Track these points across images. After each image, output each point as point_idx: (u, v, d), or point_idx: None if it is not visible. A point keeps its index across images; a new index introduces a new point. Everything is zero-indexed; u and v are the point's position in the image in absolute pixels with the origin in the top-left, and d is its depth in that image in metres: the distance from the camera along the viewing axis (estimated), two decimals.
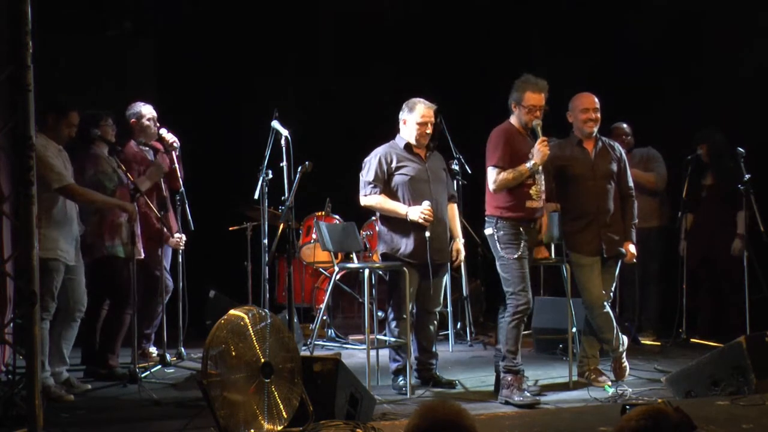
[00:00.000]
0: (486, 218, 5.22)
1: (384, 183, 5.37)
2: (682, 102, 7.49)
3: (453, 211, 5.66)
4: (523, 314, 5.08)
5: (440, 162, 5.62)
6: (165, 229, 6.02)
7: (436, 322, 5.58)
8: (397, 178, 5.37)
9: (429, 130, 5.41)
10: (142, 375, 5.50)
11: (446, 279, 5.68)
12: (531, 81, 5.12)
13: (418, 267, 5.30)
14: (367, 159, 5.47)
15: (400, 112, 5.47)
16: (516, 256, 5.06)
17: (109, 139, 5.76)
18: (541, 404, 4.94)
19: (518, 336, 5.09)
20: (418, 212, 5.24)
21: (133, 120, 6.11)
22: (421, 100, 5.44)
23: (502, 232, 5.12)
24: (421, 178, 5.38)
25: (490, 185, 5.13)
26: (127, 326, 5.76)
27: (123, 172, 5.52)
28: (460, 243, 5.64)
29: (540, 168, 5.08)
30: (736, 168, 6.40)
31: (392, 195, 5.37)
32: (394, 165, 5.38)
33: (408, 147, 5.43)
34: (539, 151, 5.02)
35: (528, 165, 5.04)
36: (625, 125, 7.13)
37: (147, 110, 6.13)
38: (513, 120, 5.22)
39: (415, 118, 5.38)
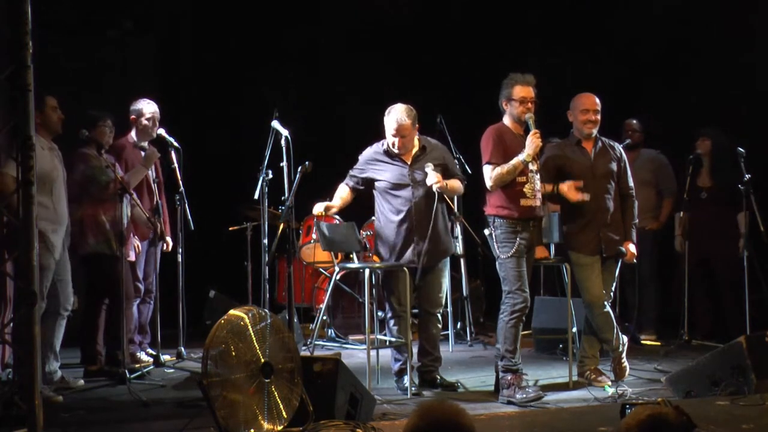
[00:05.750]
0: (486, 218, 5.24)
1: (359, 181, 5.44)
2: (683, 102, 7.51)
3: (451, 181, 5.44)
4: (521, 313, 5.07)
5: (433, 156, 5.40)
6: (153, 231, 6.05)
7: (439, 324, 5.56)
8: (377, 185, 5.39)
9: (399, 143, 5.28)
10: (132, 375, 5.50)
11: (446, 279, 5.66)
12: (518, 76, 5.16)
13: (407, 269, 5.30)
14: (360, 155, 5.50)
15: None
16: (510, 254, 5.06)
17: (105, 140, 5.79)
18: (543, 401, 4.95)
19: (516, 335, 5.09)
20: (317, 208, 5.43)
21: (132, 117, 6.14)
22: (400, 108, 5.28)
23: (498, 231, 5.13)
24: (401, 183, 5.32)
25: (487, 182, 5.14)
26: (136, 322, 5.81)
27: (112, 171, 5.51)
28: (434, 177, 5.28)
29: (535, 166, 5.07)
30: (736, 168, 6.39)
31: (379, 203, 5.42)
32: (374, 169, 5.38)
33: (389, 152, 5.37)
34: (532, 142, 5.02)
35: (521, 157, 5.03)
36: (635, 121, 7.17)
37: (148, 109, 6.13)
38: (506, 120, 5.23)
39: (387, 127, 5.32)
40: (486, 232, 5.23)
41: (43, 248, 5.12)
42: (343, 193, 5.52)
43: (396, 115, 5.28)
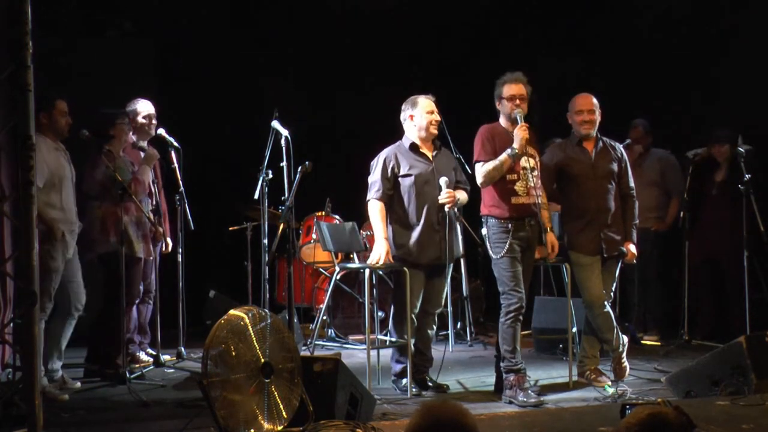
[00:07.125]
0: (481, 218, 5.24)
1: (389, 186, 5.29)
2: (683, 102, 7.51)
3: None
4: (517, 313, 5.06)
5: (449, 160, 5.49)
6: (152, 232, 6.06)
7: (434, 325, 5.54)
8: (404, 182, 5.29)
9: (438, 117, 5.34)
10: (132, 376, 5.50)
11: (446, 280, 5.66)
12: (507, 75, 5.18)
13: (419, 267, 5.29)
14: (373, 161, 5.41)
15: (402, 113, 5.40)
16: (501, 255, 5.05)
17: (125, 138, 5.84)
18: (544, 404, 4.94)
19: (515, 335, 5.08)
20: (375, 256, 5.20)
21: (129, 117, 6.12)
22: (420, 95, 5.38)
23: (491, 231, 5.13)
24: (428, 181, 5.28)
25: (477, 180, 5.16)
26: (136, 322, 5.81)
27: (112, 171, 5.50)
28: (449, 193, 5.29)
29: (530, 164, 5.06)
30: (737, 168, 6.40)
31: (399, 198, 5.31)
32: (399, 168, 5.29)
33: (414, 147, 5.35)
34: (518, 135, 5.02)
35: (508, 152, 5.03)
36: (643, 122, 7.15)
37: (142, 108, 6.10)
38: (501, 120, 5.24)
39: (421, 110, 5.32)
40: (483, 231, 5.23)
41: (56, 248, 5.14)
42: (383, 214, 5.30)
43: (425, 98, 5.34)
